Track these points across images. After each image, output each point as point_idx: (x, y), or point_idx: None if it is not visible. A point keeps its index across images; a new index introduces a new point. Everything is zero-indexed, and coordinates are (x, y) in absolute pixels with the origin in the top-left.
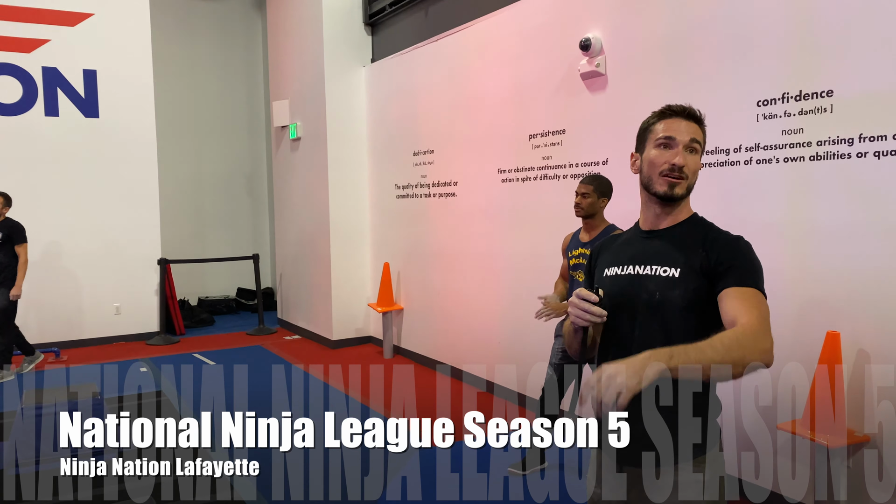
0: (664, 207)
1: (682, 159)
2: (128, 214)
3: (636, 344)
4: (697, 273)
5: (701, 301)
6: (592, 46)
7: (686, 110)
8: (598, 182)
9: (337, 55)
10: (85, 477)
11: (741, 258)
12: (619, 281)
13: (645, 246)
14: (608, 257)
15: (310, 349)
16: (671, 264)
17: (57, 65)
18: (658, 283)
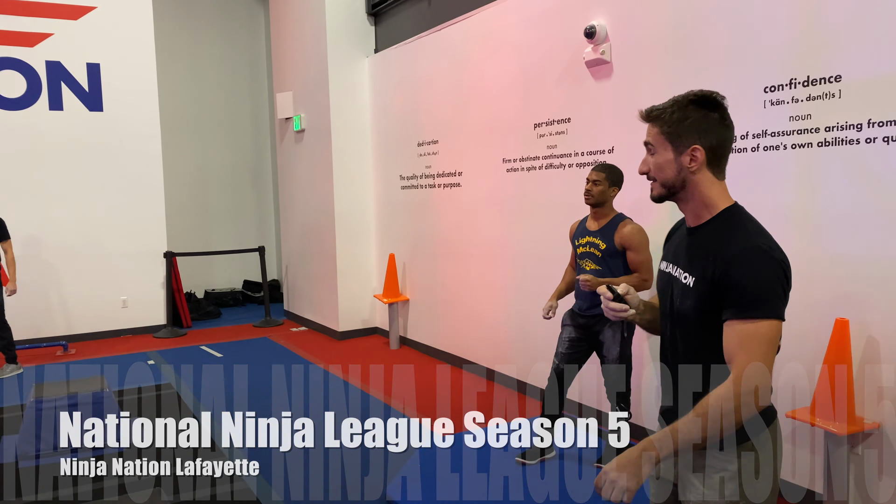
0: (679, 206)
1: (642, 166)
2: (133, 208)
3: (670, 343)
4: (707, 285)
5: (711, 315)
6: (597, 34)
7: (641, 114)
8: (610, 171)
9: (340, 46)
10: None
11: (744, 280)
12: (661, 278)
13: (682, 244)
14: (666, 248)
15: (316, 341)
16: (689, 270)
17: (60, 59)
18: (678, 289)
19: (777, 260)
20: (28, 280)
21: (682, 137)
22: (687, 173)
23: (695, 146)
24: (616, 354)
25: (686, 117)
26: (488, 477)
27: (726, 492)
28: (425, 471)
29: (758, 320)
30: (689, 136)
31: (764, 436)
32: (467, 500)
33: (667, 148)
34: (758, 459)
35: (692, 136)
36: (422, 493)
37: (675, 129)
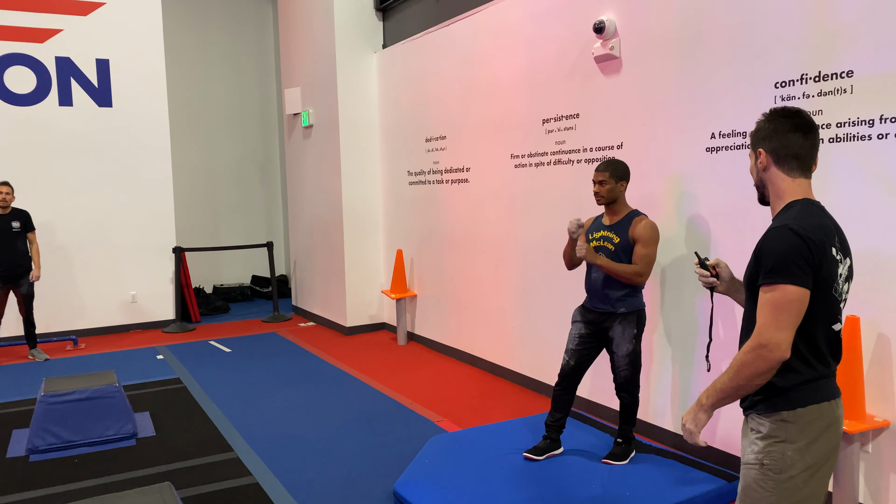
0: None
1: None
2: (142, 203)
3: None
4: (753, 260)
5: (754, 287)
6: (606, 29)
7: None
8: (613, 167)
9: (348, 41)
10: (100, 462)
11: (765, 251)
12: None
13: None
14: None
15: (324, 336)
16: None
17: (70, 55)
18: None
19: (802, 236)
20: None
21: (754, 145)
22: (761, 173)
23: (759, 149)
24: (626, 350)
25: (757, 129)
26: (496, 472)
27: (755, 449)
28: (433, 466)
29: (774, 285)
30: (757, 143)
31: (805, 412)
32: (474, 495)
33: (751, 156)
34: (790, 431)
35: (758, 143)
36: (429, 489)
37: (752, 140)
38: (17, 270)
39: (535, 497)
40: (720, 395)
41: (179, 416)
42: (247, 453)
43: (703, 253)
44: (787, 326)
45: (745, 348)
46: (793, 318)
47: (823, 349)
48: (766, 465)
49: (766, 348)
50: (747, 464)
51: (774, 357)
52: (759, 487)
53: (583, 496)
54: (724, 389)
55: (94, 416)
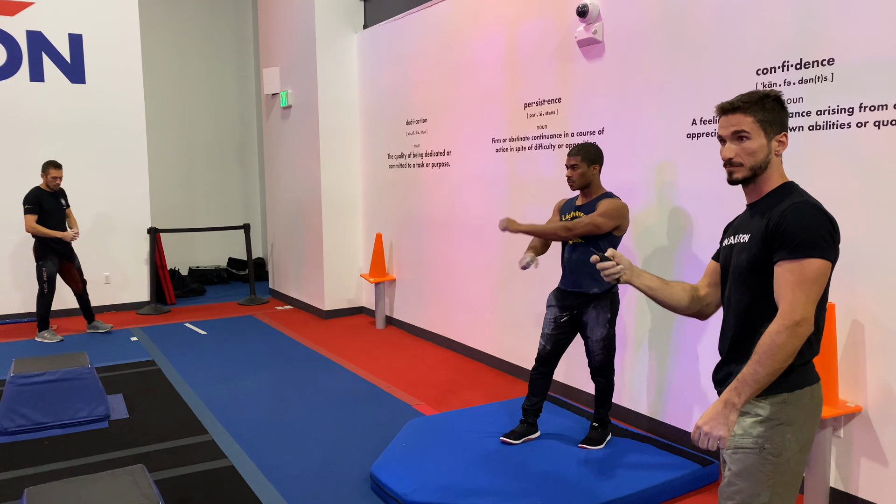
0: (744, 188)
1: (727, 153)
2: (117, 183)
3: (731, 305)
4: (760, 239)
5: (761, 265)
6: (590, 13)
7: (722, 107)
8: (584, 151)
9: (328, 21)
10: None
11: (793, 226)
12: (725, 251)
13: (743, 218)
14: (726, 233)
15: (301, 319)
16: (746, 231)
17: (41, 28)
18: (738, 249)
19: (826, 214)
20: (9, 255)
21: (774, 125)
22: (772, 156)
23: (784, 132)
24: (600, 335)
25: (775, 108)
26: (472, 456)
27: (754, 433)
28: (410, 449)
29: (803, 259)
30: (778, 124)
31: (802, 393)
32: (451, 478)
33: (760, 134)
34: (790, 413)
35: (780, 125)
36: (406, 471)
37: (769, 118)
38: (69, 245)
39: (511, 481)
40: (754, 388)
41: (153, 398)
42: (222, 436)
43: (680, 237)
44: (815, 301)
45: (775, 329)
46: (819, 293)
47: (821, 330)
48: (767, 448)
49: (800, 325)
50: (743, 447)
51: (807, 333)
52: (758, 472)
53: (559, 480)
54: (758, 380)
55: (65, 398)
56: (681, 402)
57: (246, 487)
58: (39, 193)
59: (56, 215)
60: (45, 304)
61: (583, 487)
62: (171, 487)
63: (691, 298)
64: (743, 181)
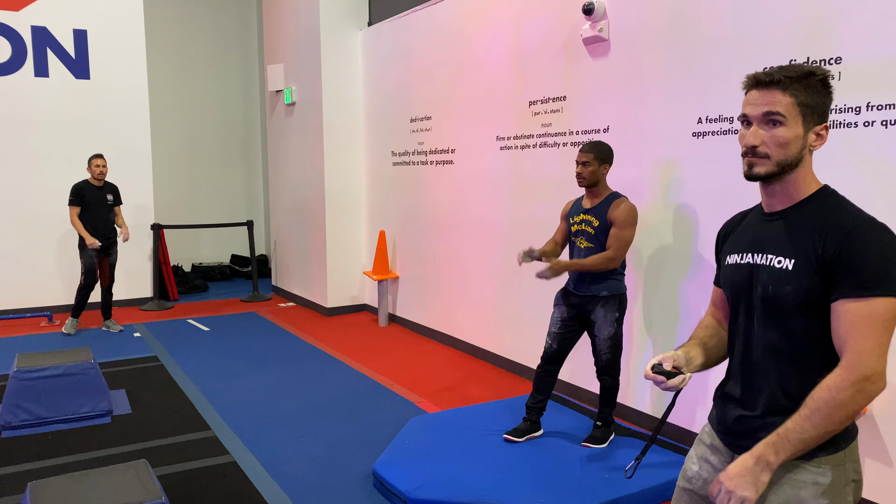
0: (765, 188)
1: (753, 138)
2: (120, 179)
3: (756, 340)
4: (812, 267)
5: (817, 300)
6: (595, 10)
7: (756, 78)
8: (597, 149)
9: (333, 18)
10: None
11: (862, 254)
12: (739, 271)
13: (765, 229)
14: (732, 242)
15: (304, 317)
16: (785, 254)
17: (46, 24)
18: (772, 275)
19: (894, 235)
20: (12, 249)
21: (815, 113)
22: (805, 152)
23: (825, 124)
24: (607, 334)
25: (820, 91)
26: (475, 454)
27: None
28: (413, 446)
29: (874, 298)
30: (820, 112)
31: (854, 445)
32: (454, 476)
33: (798, 122)
34: (849, 471)
35: (821, 114)
36: (409, 469)
37: (812, 102)
38: (109, 241)
39: (514, 479)
40: (798, 449)
41: (156, 393)
42: (224, 432)
43: (686, 236)
44: (887, 351)
45: (837, 383)
46: (890, 340)
47: None
48: None
49: (871, 381)
50: None
51: (877, 392)
52: None
53: (562, 479)
54: (804, 440)
55: (68, 393)
56: (684, 402)
57: (248, 483)
58: (83, 186)
59: (98, 209)
60: (80, 294)
61: (586, 486)
62: (174, 483)
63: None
64: (766, 178)
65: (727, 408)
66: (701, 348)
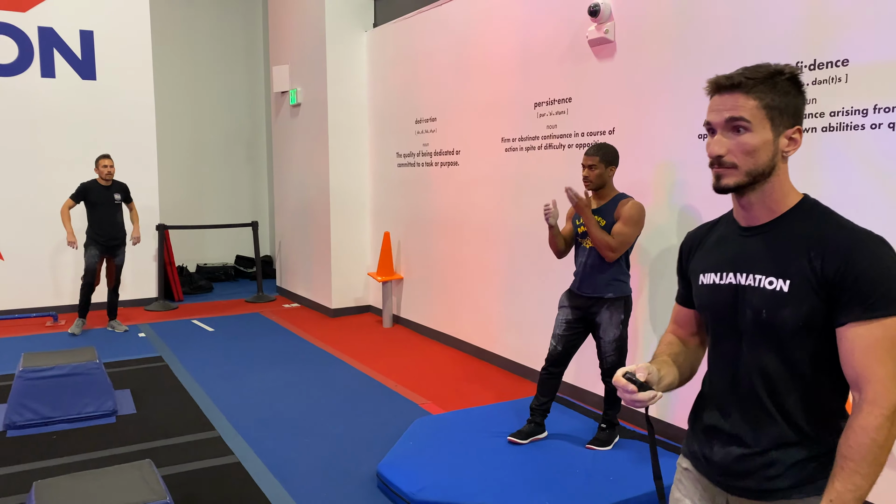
0: (739, 200)
1: (718, 147)
2: (126, 179)
3: (747, 367)
4: (810, 286)
5: (819, 323)
6: (601, 12)
7: (717, 82)
8: (603, 151)
9: (339, 19)
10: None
11: (868, 274)
12: (719, 292)
13: (745, 246)
14: (703, 259)
15: (309, 318)
16: (778, 274)
17: (53, 25)
18: (764, 298)
19: (892, 248)
20: (18, 249)
21: (786, 115)
22: (779, 159)
23: (798, 127)
24: (613, 336)
25: (789, 91)
26: (479, 455)
27: None
28: (417, 448)
29: (885, 319)
30: (791, 114)
31: None
32: (458, 478)
33: (765, 126)
34: None
35: (794, 115)
36: (413, 470)
37: (780, 104)
38: (115, 241)
39: (518, 481)
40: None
41: (161, 394)
42: (229, 432)
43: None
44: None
45: (872, 423)
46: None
47: None
48: None
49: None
50: None
51: None
52: None
53: (566, 481)
54: (860, 498)
55: (73, 393)
56: (688, 405)
57: (252, 484)
58: (89, 185)
59: (104, 209)
60: (81, 292)
61: (590, 488)
62: (178, 483)
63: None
64: (735, 189)
65: (717, 444)
66: (671, 367)
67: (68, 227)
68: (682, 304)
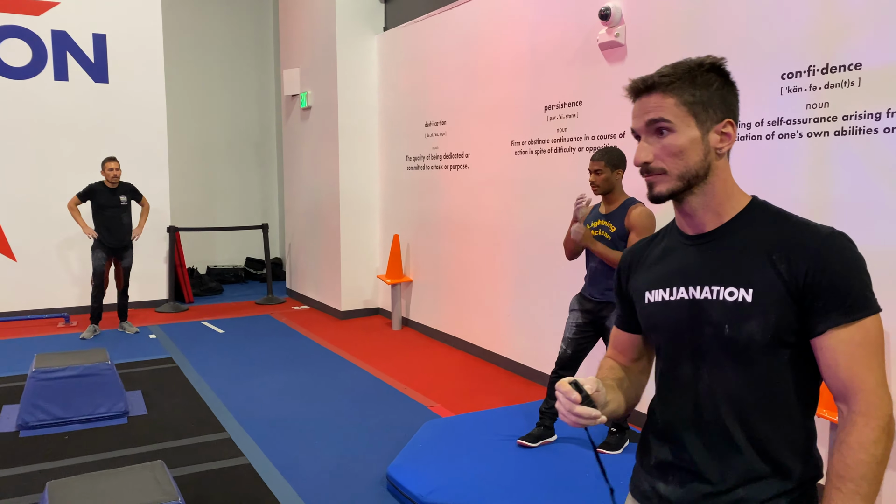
0: (680, 208)
1: (643, 154)
2: (137, 181)
3: (710, 393)
4: (777, 294)
5: (789, 334)
6: (612, 16)
7: (633, 86)
8: (608, 155)
9: (349, 23)
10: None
11: (842, 274)
12: (672, 310)
13: (695, 256)
14: (646, 275)
15: (318, 320)
16: (738, 283)
17: (66, 28)
18: (725, 311)
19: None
20: (31, 251)
21: (711, 109)
22: (713, 157)
23: (728, 119)
24: None
25: (711, 83)
26: (489, 458)
27: None
28: (426, 451)
29: (864, 319)
30: (718, 106)
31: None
32: (468, 481)
33: (690, 124)
34: None
35: (722, 108)
36: (423, 473)
37: (702, 98)
38: (122, 243)
39: (528, 484)
40: None
41: (171, 395)
42: (239, 434)
43: None
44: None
45: (869, 437)
46: None
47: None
48: None
49: (893, 418)
50: None
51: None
52: None
53: (576, 484)
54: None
55: (85, 394)
56: None
57: (262, 485)
58: (96, 187)
59: (110, 211)
60: (92, 297)
61: (600, 492)
62: (189, 484)
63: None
64: (671, 196)
65: (674, 482)
66: (616, 393)
67: (80, 220)
68: (621, 329)
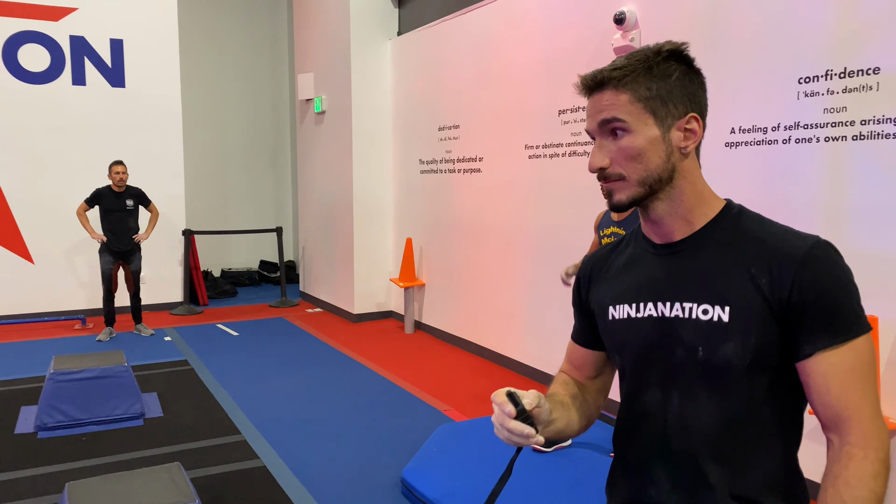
0: (645, 216)
1: (597, 160)
2: (153, 184)
3: (677, 422)
4: (758, 311)
5: (772, 356)
6: (627, 20)
7: (583, 83)
8: None
9: (363, 28)
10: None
11: (831, 291)
12: (640, 329)
13: (663, 268)
14: (610, 287)
15: (331, 323)
16: (713, 300)
17: (84, 34)
18: (699, 331)
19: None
20: (48, 253)
21: (671, 104)
22: (677, 158)
23: (692, 114)
24: None
25: (669, 74)
26: (503, 462)
27: None
28: (440, 454)
29: (853, 340)
30: (680, 100)
31: None
32: (482, 485)
33: (648, 122)
34: None
35: (684, 101)
36: (437, 477)
37: (660, 92)
38: (129, 247)
39: (542, 488)
40: None
41: (186, 397)
42: (254, 436)
43: None
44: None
45: (867, 470)
46: None
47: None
48: None
49: (889, 449)
50: None
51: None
52: None
53: (590, 489)
54: None
55: (102, 395)
56: None
57: (277, 488)
58: (102, 191)
59: (117, 215)
60: (103, 301)
61: None
62: (205, 486)
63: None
64: (633, 204)
65: None
66: (566, 410)
67: (88, 226)
68: (578, 343)
